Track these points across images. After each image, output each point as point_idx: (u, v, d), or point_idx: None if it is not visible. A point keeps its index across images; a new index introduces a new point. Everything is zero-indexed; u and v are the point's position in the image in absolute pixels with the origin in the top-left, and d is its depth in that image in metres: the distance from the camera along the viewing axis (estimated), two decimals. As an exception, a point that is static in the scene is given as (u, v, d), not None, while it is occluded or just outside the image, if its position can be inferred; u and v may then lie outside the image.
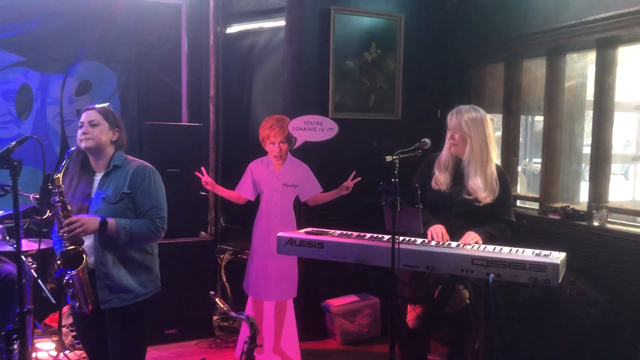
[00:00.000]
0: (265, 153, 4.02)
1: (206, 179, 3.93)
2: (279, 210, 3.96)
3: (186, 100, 5.32)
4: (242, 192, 4.02)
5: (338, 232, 3.29)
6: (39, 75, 4.74)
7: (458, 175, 3.30)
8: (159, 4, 5.16)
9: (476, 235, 3.12)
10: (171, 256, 3.96)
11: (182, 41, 5.26)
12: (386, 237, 3.08)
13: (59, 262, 2.50)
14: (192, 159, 4.43)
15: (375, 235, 3.17)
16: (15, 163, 2.32)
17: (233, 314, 2.81)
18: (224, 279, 4.69)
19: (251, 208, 4.10)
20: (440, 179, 3.32)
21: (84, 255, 2.50)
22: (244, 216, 4.65)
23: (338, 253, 3.09)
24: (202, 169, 3.97)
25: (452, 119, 3.30)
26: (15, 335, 2.29)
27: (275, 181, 3.96)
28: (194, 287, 4.37)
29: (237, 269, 4.54)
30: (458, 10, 4.73)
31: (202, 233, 4.84)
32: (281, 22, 4.66)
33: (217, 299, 2.81)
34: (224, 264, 4.70)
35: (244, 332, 3.98)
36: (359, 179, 3.94)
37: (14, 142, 2.39)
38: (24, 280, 3.76)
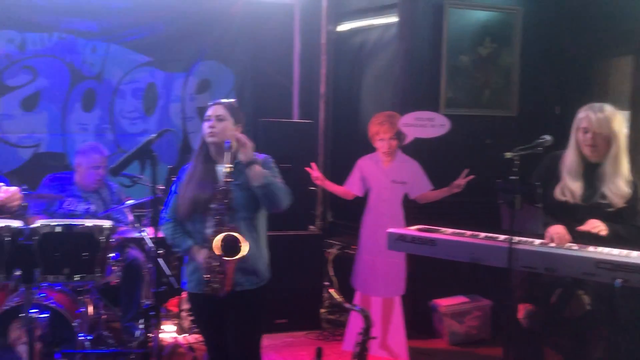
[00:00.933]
0: (374, 149, 4.03)
1: (316, 174, 4.01)
2: (387, 207, 3.96)
3: (297, 98, 5.46)
4: (350, 188, 4.06)
5: (450, 230, 3.23)
6: (163, 74, 5.07)
7: (590, 180, 3.00)
8: (273, 4, 5.34)
9: (601, 223, 2.85)
10: (281, 248, 4.07)
11: (294, 40, 5.40)
12: (501, 236, 2.98)
13: (216, 245, 2.55)
14: (303, 154, 4.53)
15: (489, 234, 3.08)
16: (154, 154, 2.48)
17: (347, 305, 2.85)
18: (331, 273, 4.75)
19: (358, 204, 4.12)
20: (572, 187, 2.98)
21: (241, 242, 2.58)
22: (351, 212, 4.69)
23: (451, 251, 3.03)
24: (313, 164, 4.05)
25: (592, 118, 2.92)
26: (152, 313, 2.45)
27: (384, 178, 3.96)
28: (302, 280, 4.48)
29: (343, 263, 4.59)
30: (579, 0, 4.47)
31: (311, 227, 4.94)
32: (393, 19, 4.65)
33: (331, 290, 2.86)
34: (331, 258, 4.77)
35: (353, 325, 4.03)
36: (472, 177, 3.84)
37: (154, 134, 2.55)
38: (150, 265, 4.07)
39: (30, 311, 2.19)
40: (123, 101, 4.98)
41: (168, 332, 4.22)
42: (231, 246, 2.55)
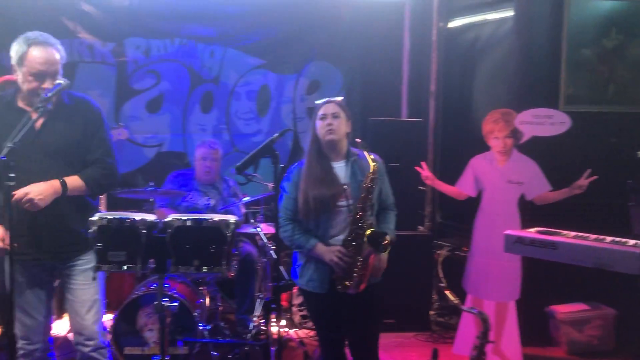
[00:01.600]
0: (487, 148, 3.90)
1: (426, 173, 3.96)
2: (502, 208, 3.82)
3: (406, 96, 5.41)
4: (462, 188, 3.96)
5: (572, 233, 3.06)
6: (276, 76, 5.23)
7: None
8: (382, 3, 5.33)
9: None
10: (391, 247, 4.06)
11: (404, 38, 5.36)
12: (631, 241, 2.78)
13: (364, 240, 2.62)
14: (412, 153, 4.48)
15: (616, 238, 2.88)
16: (277, 153, 2.57)
17: (464, 308, 2.79)
18: (441, 275, 4.67)
19: (469, 205, 4.01)
20: None
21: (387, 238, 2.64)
22: (461, 213, 4.58)
23: (573, 256, 2.87)
24: (423, 163, 4.00)
25: None
26: (273, 306, 2.54)
27: (498, 178, 3.83)
28: (411, 280, 4.43)
29: (453, 265, 4.50)
30: None
31: (420, 227, 4.88)
32: (507, 13, 4.49)
33: (447, 292, 2.82)
34: (440, 259, 4.69)
35: (465, 328, 3.94)
36: (595, 177, 3.61)
37: (276, 134, 2.64)
38: (264, 260, 4.22)
39: (163, 300, 2.34)
40: (238, 103, 5.20)
41: (279, 325, 4.34)
42: (375, 242, 2.58)
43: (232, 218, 2.29)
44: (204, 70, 5.10)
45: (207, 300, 3.99)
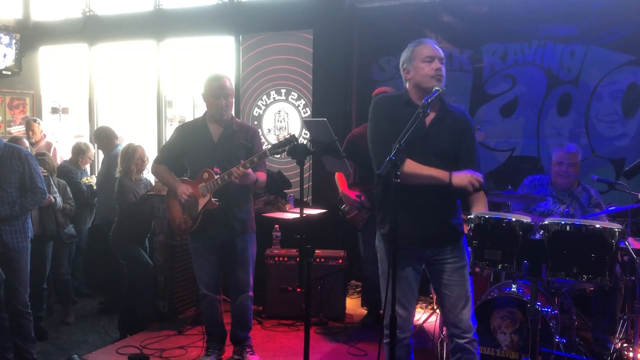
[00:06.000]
0: None
1: None
2: None
3: None
4: None
5: None
6: (647, 73, 4.66)
7: None
8: None
9: None
10: None
11: None
12: None
13: None
14: None
15: None
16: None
17: None
18: None
19: None
20: None
21: None
22: None
23: None
24: None
25: None
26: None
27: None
28: None
29: None
30: None
31: None
32: None
33: None
34: None
35: None
36: None
37: None
38: (632, 277, 3.80)
39: (537, 303, 2.30)
40: (600, 104, 4.80)
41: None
42: None
43: (616, 226, 2.12)
44: (563, 71, 4.87)
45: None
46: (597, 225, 2.12)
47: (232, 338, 3.92)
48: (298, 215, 2.96)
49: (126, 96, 7.23)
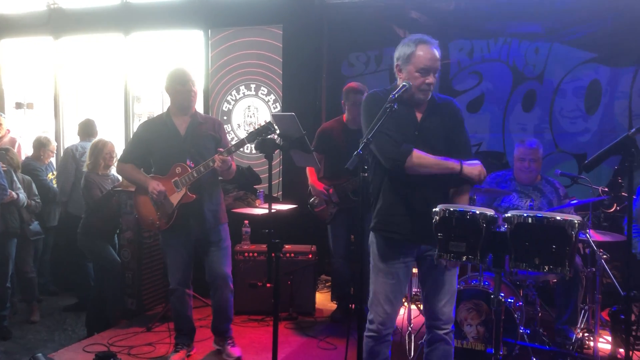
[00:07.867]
0: None
1: None
2: None
3: None
4: None
5: None
6: (608, 70, 4.78)
7: None
8: None
9: None
10: None
11: None
12: None
13: None
14: None
15: None
16: (634, 151, 2.35)
17: None
18: None
19: None
20: None
21: None
22: None
23: None
24: None
25: None
26: (622, 317, 2.35)
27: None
28: None
29: None
30: None
31: None
32: None
33: None
34: None
35: None
36: None
37: (633, 130, 2.40)
38: (592, 269, 3.91)
39: (501, 295, 2.35)
40: (563, 100, 4.92)
41: (606, 342, 3.97)
42: None
43: (576, 218, 2.17)
44: (528, 68, 4.97)
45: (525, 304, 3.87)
46: (558, 217, 2.18)
47: (214, 330, 3.93)
48: (267, 211, 2.96)
49: (93, 91, 7.10)
